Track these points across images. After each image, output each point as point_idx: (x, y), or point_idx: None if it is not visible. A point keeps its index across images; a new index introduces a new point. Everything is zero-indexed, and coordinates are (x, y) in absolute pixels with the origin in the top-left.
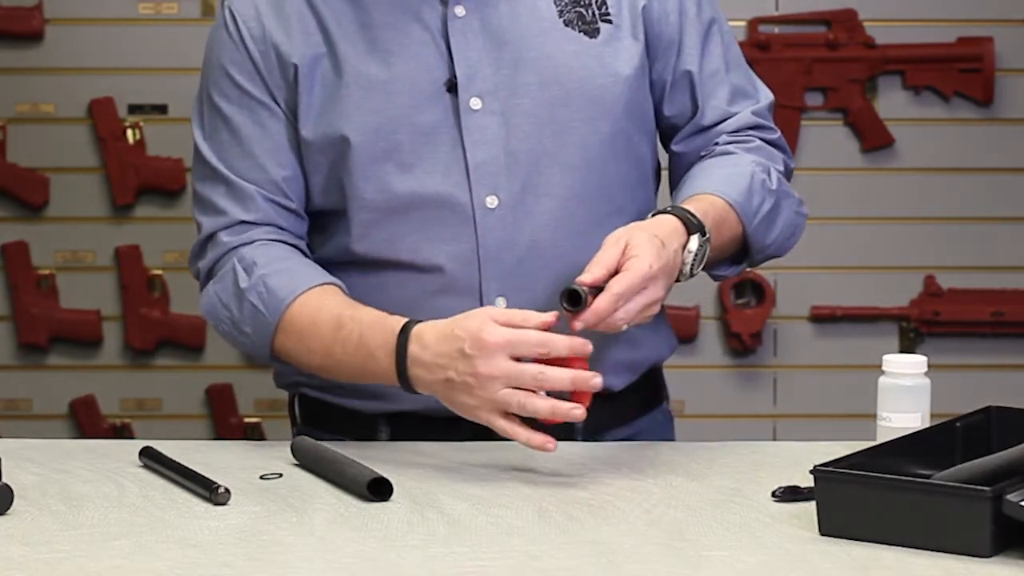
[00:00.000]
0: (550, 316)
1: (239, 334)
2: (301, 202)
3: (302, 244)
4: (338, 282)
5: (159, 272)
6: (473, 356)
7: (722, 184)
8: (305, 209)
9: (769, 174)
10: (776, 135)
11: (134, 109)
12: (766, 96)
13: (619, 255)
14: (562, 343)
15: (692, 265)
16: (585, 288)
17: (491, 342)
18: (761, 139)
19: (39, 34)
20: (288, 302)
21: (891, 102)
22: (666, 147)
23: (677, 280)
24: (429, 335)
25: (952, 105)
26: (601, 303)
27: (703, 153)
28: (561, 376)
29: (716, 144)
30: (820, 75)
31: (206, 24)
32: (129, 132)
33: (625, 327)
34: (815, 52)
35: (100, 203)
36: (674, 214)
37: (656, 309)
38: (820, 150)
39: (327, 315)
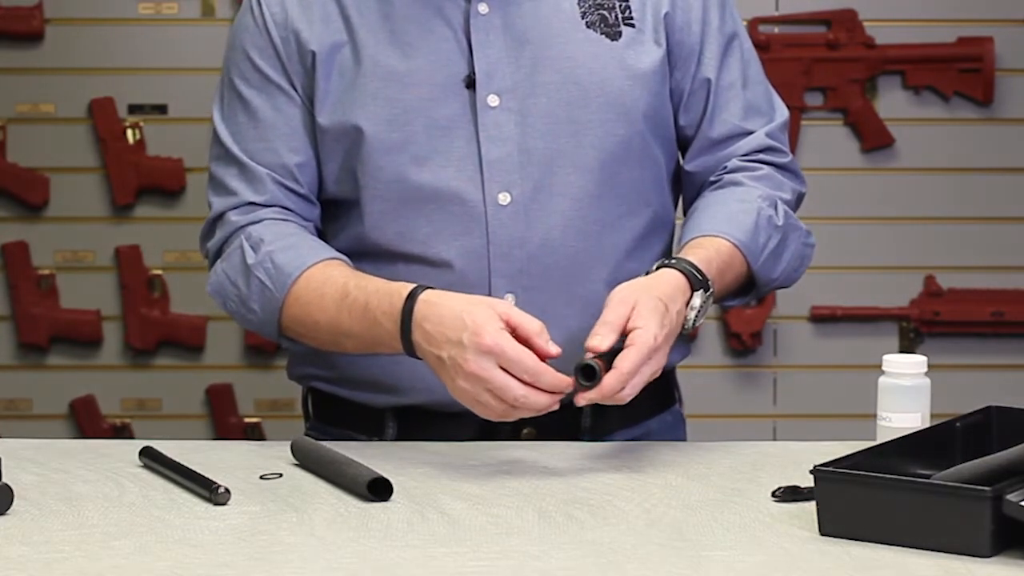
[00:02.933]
0: (555, 350)
1: (247, 311)
2: (312, 188)
3: (310, 226)
4: (344, 257)
5: (159, 272)
6: (467, 348)
7: (727, 224)
8: (319, 197)
9: (776, 208)
10: (787, 159)
11: (134, 109)
12: (781, 114)
13: (627, 314)
14: (550, 382)
15: (695, 320)
16: (599, 363)
17: (486, 344)
18: (772, 164)
19: (39, 34)
20: (295, 277)
21: (891, 102)
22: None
23: (680, 334)
24: (440, 308)
25: (952, 105)
26: (609, 382)
27: (713, 179)
28: (538, 404)
29: (725, 167)
30: (820, 75)
31: (206, 24)
32: (129, 132)
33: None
34: (815, 52)
35: (100, 203)
36: (679, 269)
37: (659, 372)
38: (820, 150)
39: (332, 286)
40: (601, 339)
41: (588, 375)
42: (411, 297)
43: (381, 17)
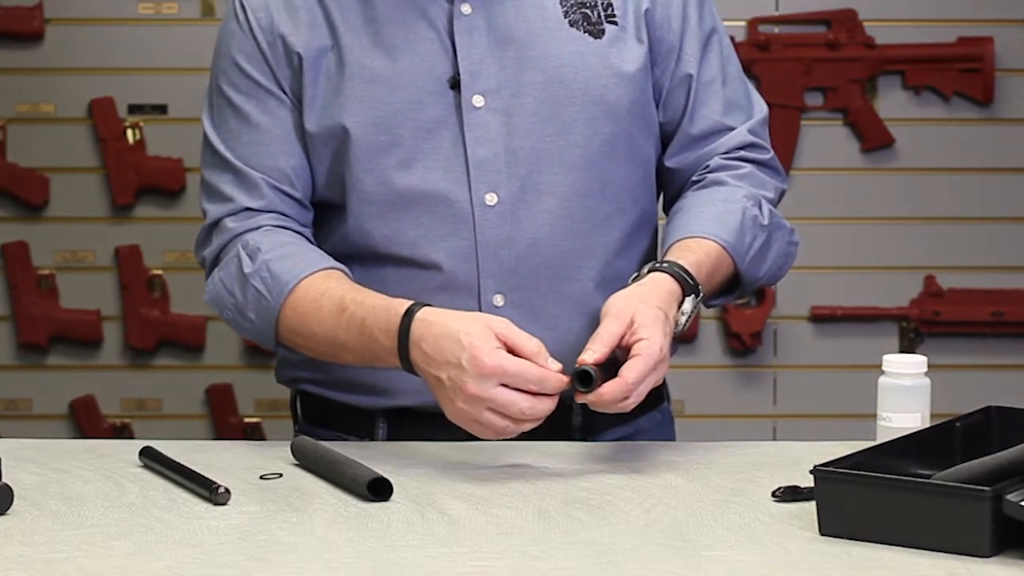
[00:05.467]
0: (555, 367)
1: (243, 320)
2: (307, 192)
3: (307, 232)
4: (342, 267)
5: (159, 272)
6: (467, 371)
7: (713, 225)
8: (310, 200)
9: (760, 208)
10: (769, 155)
11: (134, 109)
12: (760, 110)
13: (623, 331)
14: (555, 386)
15: (683, 325)
16: (595, 368)
17: (488, 365)
18: (754, 161)
19: (39, 34)
20: (292, 286)
21: (891, 102)
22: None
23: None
24: (436, 327)
25: (952, 105)
26: (612, 390)
27: (695, 178)
28: (544, 411)
29: (708, 166)
30: (820, 75)
31: (206, 24)
32: (129, 132)
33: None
34: (815, 52)
35: (100, 203)
36: (671, 274)
37: (661, 381)
38: (820, 150)
39: (330, 299)
40: (591, 353)
41: (584, 381)
42: (408, 314)
43: (365, 20)
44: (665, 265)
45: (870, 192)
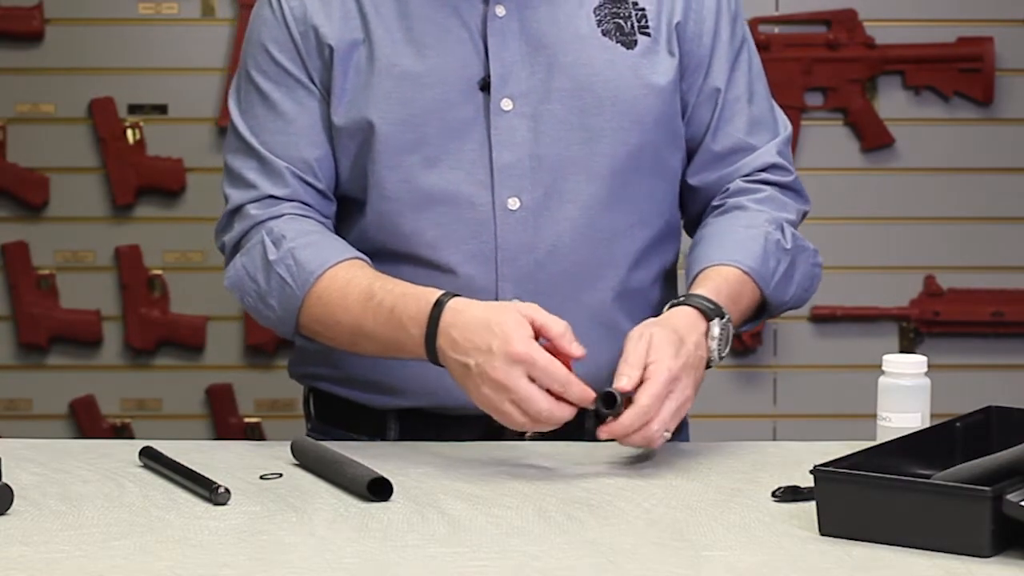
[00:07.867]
0: (578, 351)
1: (265, 307)
2: (330, 183)
3: (328, 223)
4: (366, 257)
5: (159, 272)
6: (496, 356)
7: (735, 251)
8: (333, 192)
9: (783, 232)
10: (791, 177)
11: (134, 109)
12: (785, 128)
13: (646, 351)
14: (577, 394)
15: (719, 351)
16: (621, 394)
17: (517, 352)
18: (775, 183)
19: (39, 34)
20: (317, 275)
21: (891, 102)
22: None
23: (708, 367)
24: (466, 316)
25: (952, 105)
26: (628, 417)
27: (716, 203)
28: (561, 417)
29: (727, 189)
30: (820, 75)
31: (206, 24)
32: (129, 132)
33: (667, 435)
34: (815, 52)
35: (100, 203)
36: (690, 305)
37: (689, 406)
38: (820, 150)
39: (356, 287)
40: (627, 380)
41: (608, 403)
42: (439, 304)
43: (398, 16)
44: (682, 299)
45: (870, 192)
